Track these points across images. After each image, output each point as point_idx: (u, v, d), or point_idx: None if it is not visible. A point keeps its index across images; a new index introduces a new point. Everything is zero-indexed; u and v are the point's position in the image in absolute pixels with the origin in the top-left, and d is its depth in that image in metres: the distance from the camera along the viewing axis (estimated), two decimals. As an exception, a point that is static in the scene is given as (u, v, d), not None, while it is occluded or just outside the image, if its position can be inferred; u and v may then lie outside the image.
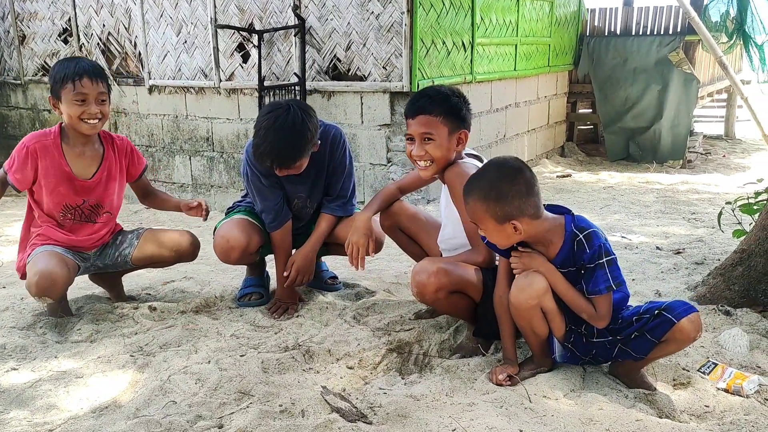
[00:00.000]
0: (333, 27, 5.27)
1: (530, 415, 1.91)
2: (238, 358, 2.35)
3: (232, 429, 1.87)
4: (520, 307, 2.07)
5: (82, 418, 1.98)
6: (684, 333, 1.96)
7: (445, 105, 2.35)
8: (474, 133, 6.11)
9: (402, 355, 2.41)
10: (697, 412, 1.99)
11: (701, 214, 5.18)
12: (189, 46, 5.97)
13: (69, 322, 2.77)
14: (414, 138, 2.38)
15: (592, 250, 1.98)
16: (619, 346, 2.08)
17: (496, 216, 1.97)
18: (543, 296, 2.04)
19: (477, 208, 2.00)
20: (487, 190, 1.98)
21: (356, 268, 2.63)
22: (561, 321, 2.10)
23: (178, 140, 6.29)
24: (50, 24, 6.74)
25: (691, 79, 7.69)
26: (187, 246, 2.92)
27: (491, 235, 2.03)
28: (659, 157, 7.89)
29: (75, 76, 2.60)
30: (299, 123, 2.56)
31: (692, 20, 5.87)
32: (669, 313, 1.97)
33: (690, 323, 1.95)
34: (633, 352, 2.06)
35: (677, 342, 2.00)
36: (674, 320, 1.95)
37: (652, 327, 1.99)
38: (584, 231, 2.00)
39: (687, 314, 1.95)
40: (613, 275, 1.97)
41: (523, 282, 2.05)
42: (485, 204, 1.98)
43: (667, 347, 2.03)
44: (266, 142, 2.56)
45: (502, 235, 2.00)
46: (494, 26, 6.29)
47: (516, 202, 1.96)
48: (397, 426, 1.87)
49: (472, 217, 2.03)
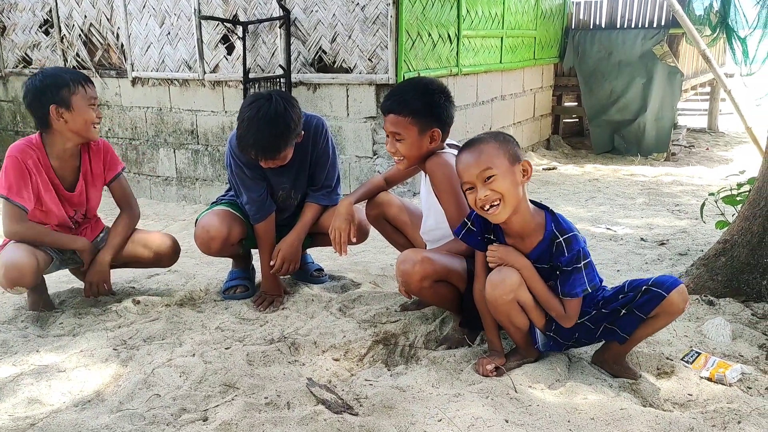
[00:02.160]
0: (318, 19, 5.24)
1: (516, 405, 1.92)
2: (223, 350, 2.33)
3: (216, 422, 1.86)
4: (496, 303, 2.07)
5: (64, 412, 1.96)
6: (674, 305, 1.98)
7: (415, 105, 2.32)
8: (460, 126, 6.11)
9: (388, 347, 2.40)
10: (681, 400, 2.00)
11: (685, 206, 5.22)
12: (173, 38, 5.90)
13: (51, 316, 2.74)
14: (388, 134, 2.41)
15: (570, 254, 1.98)
16: (603, 326, 2.09)
17: (509, 154, 1.97)
18: (517, 290, 2.04)
19: (490, 148, 1.96)
20: (495, 134, 2.02)
21: (339, 254, 2.63)
22: (540, 311, 2.11)
23: (162, 133, 6.23)
24: (31, 15, 6.64)
25: (675, 72, 7.74)
26: (167, 249, 2.90)
27: (503, 179, 1.95)
28: (643, 149, 7.94)
29: (82, 80, 2.58)
30: (282, 113, 2.54)
31: (676, 13, 5.90)
32: (658, 288, 1.98)
33: (679, 295, 1.97)
34: (620, 330, 2.07)
35: (667, 315, 2.01)
36: (664, 294, 1.96)
37: (641, 303, 2.00)
38: (565, 234, 2.00)
39: (675, 287, 1.97)
40: (589, 278, 1.99)
41: (497, 278, 2.05)
42: (497, 143, 1.97)
43: (656, 322, 2.04)
44: (249, 133, 2.54)
45: (513, 179, 1.96)
46: (480, 18, 6.29)
47: (518, 148, 2.01)
48: (383, 417, 1.87)
49: (485, 160, 1.95)
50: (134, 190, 5.44)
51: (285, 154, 2.62)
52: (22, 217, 2.60)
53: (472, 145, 2.01)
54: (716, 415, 1.85)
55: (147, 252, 2.88)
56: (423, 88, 2.38)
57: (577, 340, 2.17)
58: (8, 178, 2.57)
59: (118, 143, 6.46)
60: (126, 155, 6.49)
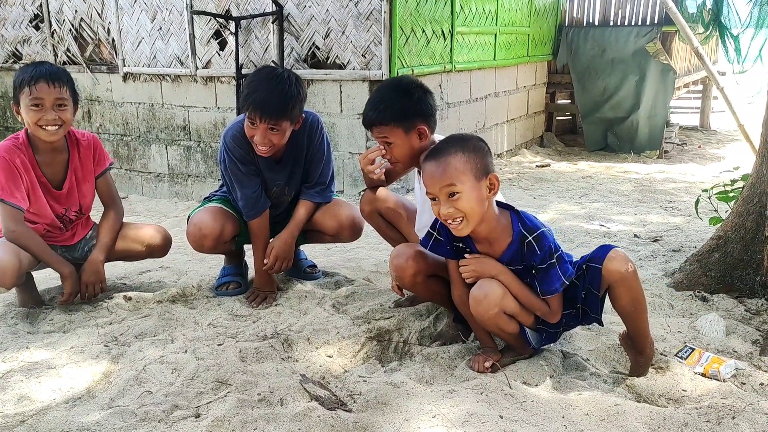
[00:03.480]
0: (311, 14, 5.21)
1: (510, 401, 1.91)
2: (216, 347, 2.32)
3: (209, 418, 1.84)
4: (483, 318, 2.06)
5: (54, 409, 1.93)
6: (614, 273, 1.96)
7: (393, 109, 2.31)
8: (454, 123, 6.10)
9: (382, 344, 2.39)
10: (675, 396, 2.00)
11: (678, 202, 5.24)
12: (164, 33, 5.86)
13: (41, 312, 2.71)
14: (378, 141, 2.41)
15: (542, 252, 1.97)
16: (581, 307, 2.09)
17: (475, 168, 1.90)
18: (502, 302, 2.02)
19: (457, 162, 1.89)
20: (464, 143, 1.94)
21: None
22: (528, 313, 2.09)
23: (154, 129, 6.19)
24: (21, 10, 6.58)
25: (668, 69, 7.75)
26: (159, 241, 2.88)
27: (467, 196, 1.89)
28: (636, 147, 7.96)
29: (31, 81, 2.48)
30: (293, 78, 2.58)
31: (669, 10, 5.91)
32: (593, 263, 1.99)
33: (612, 262, 1.96)
34: (589, 311, 2.07)
35: (618, 284, 1.98)
36: (599, 266, 1.97)
37: (590, 281, 2.01)
38: (533, 233, 1.98)
39: (606, 255, 1.96)
40: (563, 270, 1.98)
41: (479, 294, 2.02)
42: (465, 155, 1.90)
43: (617, 294, 2.00)
44: (258, 90, 2.52)
45: (478, 195, 1.91)
46: (474, 15, 6.28)
47: (489, 157, 1.95)
48: (377, 413, 1.86)
49: (449, 176, 1.88)
50: (126, 187, 5.40)
51: (285, 126, 2.58)
52: (19, 217, 2.55)
53: (438, 155, 1.93)
54: (710, 411, 1.84)
55: (139, 246, 2.86)
56: (395, 90, 2.38)
57: (565, 324, 2.17)
58: (1, 179, 2.52)
59: (110, 139, 6.42)
60: (117, 151, 6.45)
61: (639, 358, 2.10)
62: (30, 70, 2.52)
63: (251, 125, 2.57)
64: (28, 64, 2.60)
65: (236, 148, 2.71)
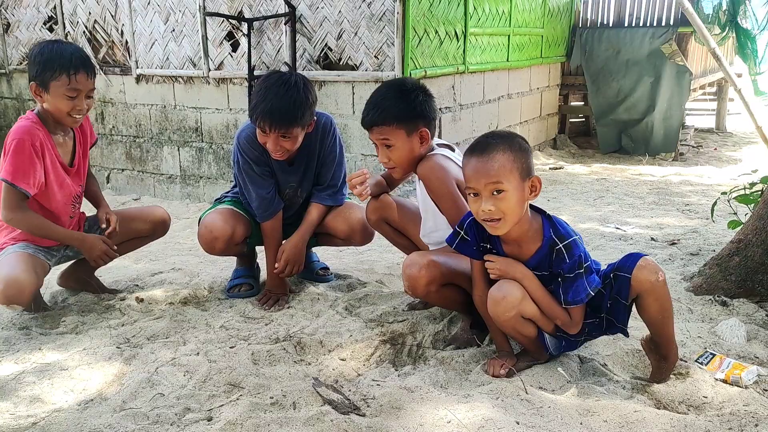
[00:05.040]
0: (324, 15, 5.20)
1: (527, 406, 1.87)
2: (228, 349, 2.30)
3: (221, 422, 1.82)
4: (499, 319, 2.02)
5: (67, 411, 1.92)
6: (643, 282, 1.91)
7: (396, 110, 2.26)
8: (466, 125, 6.07)
9: (395, 347, 2.36)
10: (696, 403, 1.95)
11: (695, 205, 5.17)
12: (177, 35, 5.87)
13: (54, 314, 2.71)
14: (377, 144, 2.35)
15: (572, 260, 1.93)
16: (604, 317, 2.04)
17: (521, 168, 1.87)
18: (520, 305, 1.98)
19: (506, 160, 1.86)
20: (510, 141, 1.91)
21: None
22: (547, 319, 2.05)
23: (167, 131, 6.20)
24: (35, 12, 6.62)
25: (683, 71, 7.67)
26: (160, 215, 2.92)
27: (511, 196, 1.86)
28: (651, 149, 7.88)
29: (71, 69, 2.44)
30: (301, 84, 2.54)
31: (686, 11, 5.84)
32: (622, 272, 1.93)
33: (641, 270, 1.90)
34: (615, 321, 2.02)
35: (647, 294, 1.93)
36: (627, 275, 1.91)
37: (618, 290, 1.96)
38: (564, 240, 1.94)
39: (635, 263, 1.91)
40: (590, 281, 1.94)
41: (498, 294, 1.99)
42: (513, 154, 1.87)
43: (645, 304, 1.96)
44: (266, 99, 2.49)
45: (520, 196, 1.89)
46: (487, 16, 6.24)
47: (532, 158, 1.92)
48: (391, 418, 1.83)
49: (497, 173, 1.85)
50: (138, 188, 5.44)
51: (297, 132, 2.56)
52: (21, 202, 2.49)
53: (485, 150, 1.89)
54: (732, 418, 1.81)
55: (142, 224, 2.88)
56: (398, 90, 2.32)
57: (588, 334, 2.12)
58: (14, 161, 2.45)
59: (122, 141, 6.44)
60: (130, 153, 6.47)
61: (662, 363, 2.06)
62: (66, 55, 2.46)
63: (262, 133, 2.56)
64: (51, 44, 2.52)
65: (250, 149, 2.69)
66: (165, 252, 3.88)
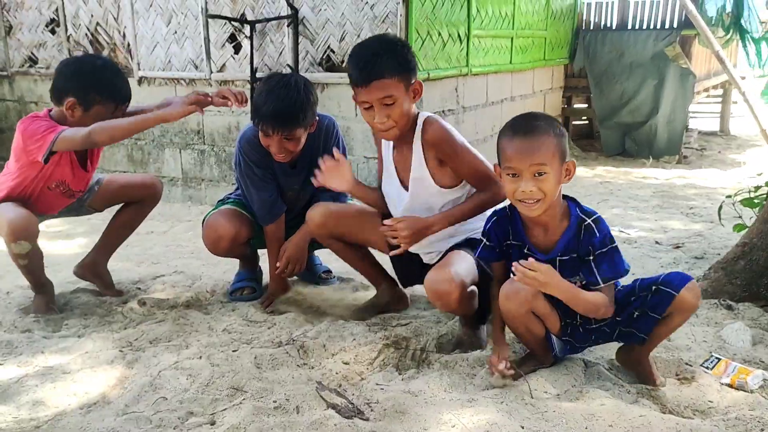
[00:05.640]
0: (327, 17, 5.19)
1: (531, 410, 1.86)
2: (231, 353, 2.29)
3: (224, 425, 1.81)
4: (510, 315, 2.01)
5: (69, 414, 1.92)
6: (686, 303, 1.92)
7: (392, 63, 2.13)
8: (470, 127, 6.06)
9: (399, 350, 2.35)
10: (701, 407, 1.94)
11: (699, 208, 5.15)
12: (179, 37, 5.87)
13: (56, 317, 2.71)
14: (372, 105, 2.16)
15: (602, 234, 1.93)
16: (618, 329, 2.03)
17: (561, 152, 1.87)
18: (533, 301, 1.97)
19: (550, 143, 1.85)
20: (552, 123, 1.90)
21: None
22: (555, 318, 2.04)
23: (168, 133, 6.19)
24: (37, 14, 6.62)
25: (687, 74, 7.65)
26: (151, 179, 2.97)
27: (552, 178, 1.86)
28: (655, 152, 7.85)
29: (120, 100, 2.64)
30: (301, 84, 2.53)
31: (690, 13, 5.83)
32: (668, 287, 1.92)
33: (689, 292, 1.91)
34: (637, 332, 2.01)
35: (681, 313, 1.95)
36: (674, 293, 1.90)
37: (653, 304, 1.95)
38: (591, 216, 1.96)
39: (685, 284, 1.91)
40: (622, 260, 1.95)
41: (510, 290, 1.97)
42: (555, 138, 1.86)
43: (671, 321, 1.97)
44: (268, 102, 2.49)
45: (558, 179, 1.89)
46: (490, 18, 6.23)
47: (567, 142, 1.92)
48: (395, 422, 1.82)
49: (542, 155, 1.83)
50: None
51: (299, 133, 2.55)
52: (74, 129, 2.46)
53: (531, 131, 1.86)
54: (738, 423, 1.79)
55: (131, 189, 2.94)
56: (387, 42, 2.20)
57: (594, 341, 2.12)
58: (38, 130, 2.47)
59: (124, 143, 6.42)
60: (131, 155, 6.47)
61: (639, 368, 2.08)
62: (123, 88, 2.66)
63: (265, 136, 2.55)
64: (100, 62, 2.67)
65: (252, 152, 2.69)
66: (167, 255, 3.87)
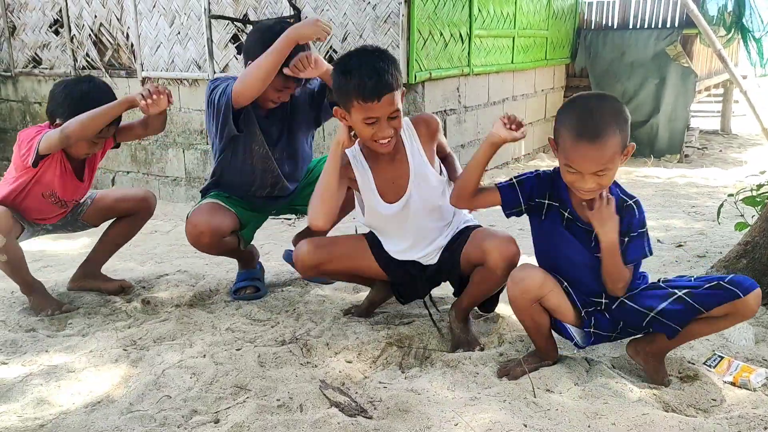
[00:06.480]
0: (329, 18, 5.20)
1: (534, 409, 1.87)
2: (234, 352, 2.30)
3: (228, 424, 1.82)
4: (517, 301, 2.01)
5: (73, 413, 1.93)
6: (749, 308, 1.86)
7: (397, 70, 2.15)
8: (471, 126, 6.07)
9: (402, 349, 2.36)
10: (704, 405, 1.94)
11: (701, 207, 5.15)
12: (182, 37, 5.88)
13: (60, 316, 2.72)
14: (378, 119, 2.13)
15: (640, 215, 1.95)
16: (652, 315, 1.96)
17: (623, 144, 1.83)
18: (539, 289, 1.97)
19: (614, 143, 1.80)
20: (618, 115, 1.83)
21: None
22: (569, 308, 2.02)
23: (172, 133, 6.21)
24: (41, 15, 6.64)
25: (688, 73, 7.65)
26: (144, 193, 2.98)
27: (612, 173, 1.85)
28: (656, 151, 7.86)
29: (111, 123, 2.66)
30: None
31: (691, 12, 5.83)
32: (735, 287, 1.85)
33: (755, 298, 1.86)
34: (670, 321, 1.93)
35: (737, 317, 1.91)
36: (741, 294, 1.84)
37: (706, 295, 1.88)
38: (632, 198, 1.97)
39: (753, 289, 1.85)
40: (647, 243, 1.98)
41: (518, 275, 1.99)
42: (620, 133, 1.80)
43: (720, 322, 1.94)
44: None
45: (617, 168, 1.87)
46: (492, 18, 6.24)
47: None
48: (398, 420, 1.83)
49: (607, 160, 1.80)
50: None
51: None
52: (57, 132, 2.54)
53: (597, 136, 1.78)
54: (741, 421, 1.79)
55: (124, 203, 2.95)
56: (380, 52, 2.18)
57: (621, 330, 2.06)
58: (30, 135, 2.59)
59: (127, 144, 6.42)
60: (135, 155, 6.48)
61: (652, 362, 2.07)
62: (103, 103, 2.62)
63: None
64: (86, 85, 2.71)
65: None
66: (170, 254, 3.88)
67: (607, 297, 2.03)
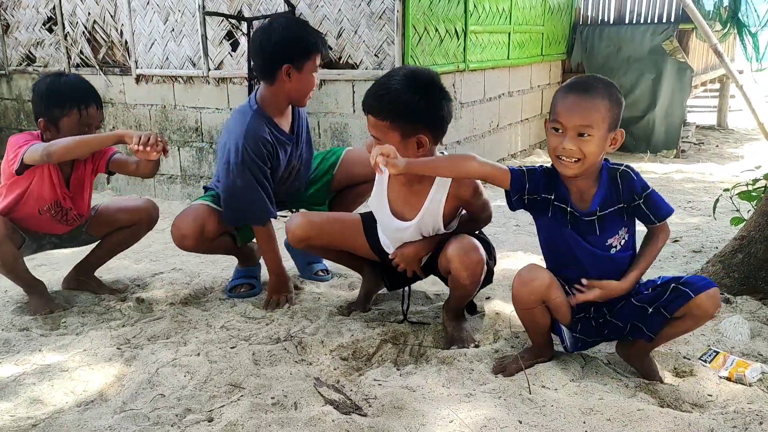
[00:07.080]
0: (324, 14, 5.18)
1: (529, 405, 1.86)
2: (229, 350, 2.29)
3: (222, 422, 1.81)
4: (521, 300, 2.01)
5: (67, 412, 1.92)
6: (701, 308, 1.87)
7: (397, 105, 2.02)
8: (467, 123, 6.05)
9: (397, 346, 2.35)
10: (700, 401, 1.94)
11: (697, 202, 5.15)
12: (177, 35, 5.86)
13: (54, 315, 2.70)
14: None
15: (639, 179, 1.91)
16: (631, 323, 1.98)
17: (612, 120, 1.83)
18: (547, 290, 1.96)
19: (602, 107, 1.81)
20: (611, 89, 1.85)
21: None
22: (567, 310, 2.03)
23: (167, 130, 6.18)
24: (34, 12, 6.60)
25: (685, 68, 7.64)
26: (146, 204, 2.93)
27: (595, 143, 1.82)
28: (653, 146, 7.85)
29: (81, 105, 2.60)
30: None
31: (687, 7, 5.82)
32: (686, 287, 1.87)
33: (708, 298, 1.85)
34: (646, 329, 1.96)
35: (694, 318, 1.91)
36: (691, 294, 1.85)
37: (667, 301, 1.90)
38: (622, 166, 1.94)
39: (705, 289, 1.85)
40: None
41: (526, 276, 1.97)
42: (610, 103, 1.82)
43: (681, 324, 1.94)
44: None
45: (603, 145, 1.85)
46: (487, 14, 6.22)
47: (622, 112, 1.88)
48: (393, 418, 1.82)
49: (591, 118, 1.81)
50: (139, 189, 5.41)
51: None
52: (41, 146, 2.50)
53: (588, 91, 1.83)
54: (737, 416, 1.79)
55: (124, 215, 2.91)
56: (409, 81, 2.03)
57: (605, 337, 2.09)
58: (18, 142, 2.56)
59: (123, 141, 6.42)
60: (130, 153, 6.45)
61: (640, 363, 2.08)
62: (79, 92, 2.60)
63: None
64: (54, 78, 2.64)
65: (258, 148, 2.57)
66: (165, 252, 3.86)
67: (594, 310, 2.03)
